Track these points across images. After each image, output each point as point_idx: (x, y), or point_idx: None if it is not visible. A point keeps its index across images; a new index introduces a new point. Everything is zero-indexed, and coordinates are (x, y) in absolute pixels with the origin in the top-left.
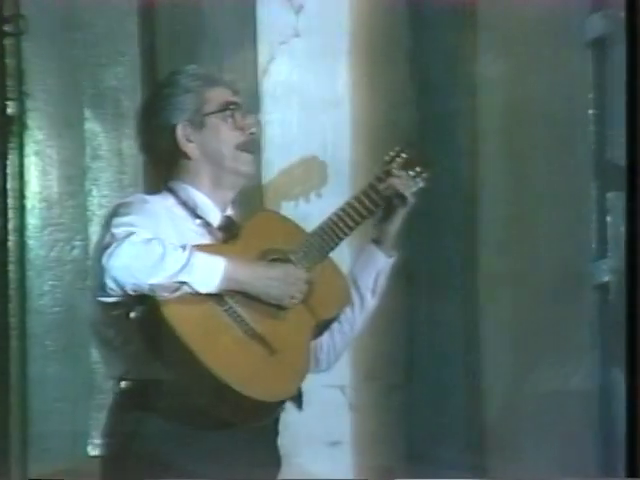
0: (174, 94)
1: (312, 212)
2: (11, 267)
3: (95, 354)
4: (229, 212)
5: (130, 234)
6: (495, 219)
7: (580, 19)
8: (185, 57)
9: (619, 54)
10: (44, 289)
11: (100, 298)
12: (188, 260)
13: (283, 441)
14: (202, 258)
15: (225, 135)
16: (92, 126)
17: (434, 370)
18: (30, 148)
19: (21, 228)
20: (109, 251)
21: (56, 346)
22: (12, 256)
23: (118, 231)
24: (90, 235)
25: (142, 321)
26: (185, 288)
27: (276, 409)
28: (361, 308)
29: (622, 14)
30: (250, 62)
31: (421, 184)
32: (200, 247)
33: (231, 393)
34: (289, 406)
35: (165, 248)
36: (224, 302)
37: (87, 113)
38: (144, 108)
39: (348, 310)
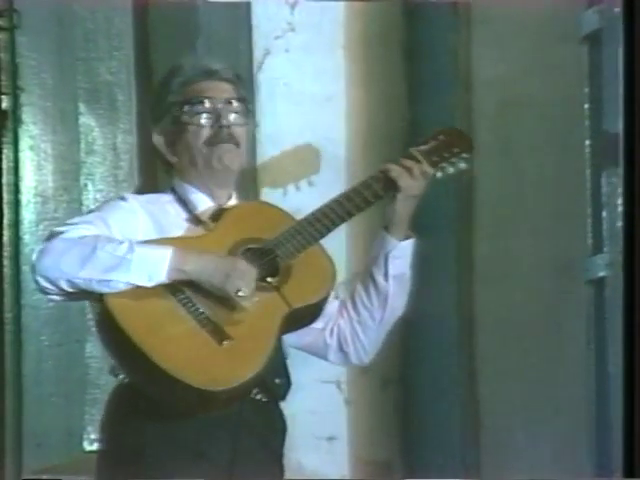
0: (157, 94)
1: (304, 201)
2: (6, 262)
3: (90, 349)
4: (230, 204)
5: (64, 231)
6: (490, 215)
7: (575, 14)
8: (179, 52)
9: (614, 49)
10: None
11: (45, 296)
12: (124, 255)
13: None
14: (144, 252)
15: (191, 134)
16: (87, 121)
17: (429, 365)
18: (25, 143)
19: (16, 223)
20: (39, 248)
21: (51, 341)
22: (7, 251)
23: (56, 229)
24: None
25: (94, 313)
26: (120, 286)
27: (234, 398)
28: (377, 294)
29: (617, 9)
30: (245, 56)
31: (462, 165)
32: (163, 240)
33: (179, 384)
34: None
35: (98, 243)
36: (180, 292)
37: (82, 108)
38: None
39: (364, 297)
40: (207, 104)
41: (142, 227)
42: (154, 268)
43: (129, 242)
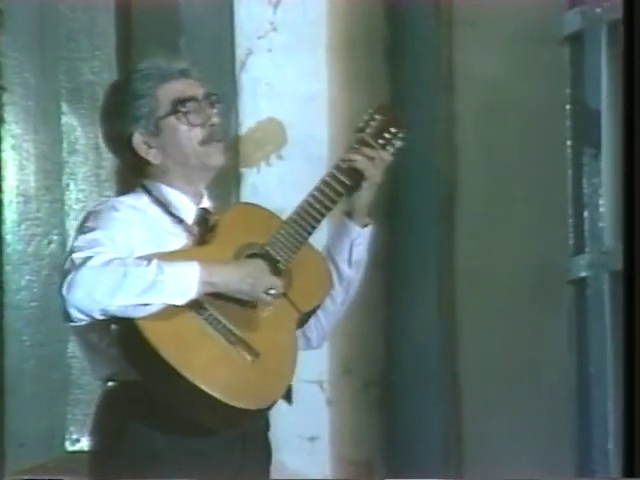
0: (125, 101)
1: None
2: None
3: (72, 349)
4: (204, 204)
5: (88, 258)
6: (472, 215)
7: (557, 15)
8: (161, 52)
9: (596, 49)
10: (21, 284)
11: (71, 324)
12: (155, 277)
13: None
14: (173, 270)
15: (183, 135)
16: (69, 120)
17: (412, 365)
18: (7, 142)
19: None
20: (68, 280)
21: (33, 341)
22: None
23: (77, 256)
24: (67, 230)
25: (121, 335)
26: (152, 308)
27: (263, 412)
28: (340, 280)
29: (599, 9)
30: (228, 57)
31: (399, 144)
32: (173, 254)
33: (217, 404)
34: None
35: (127, 267)
36: (204, 309)
37: (64, 107)
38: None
39: None
40: (191, 103)
41: (138, 237)
42: (185, 285)
43: (156, 263)
